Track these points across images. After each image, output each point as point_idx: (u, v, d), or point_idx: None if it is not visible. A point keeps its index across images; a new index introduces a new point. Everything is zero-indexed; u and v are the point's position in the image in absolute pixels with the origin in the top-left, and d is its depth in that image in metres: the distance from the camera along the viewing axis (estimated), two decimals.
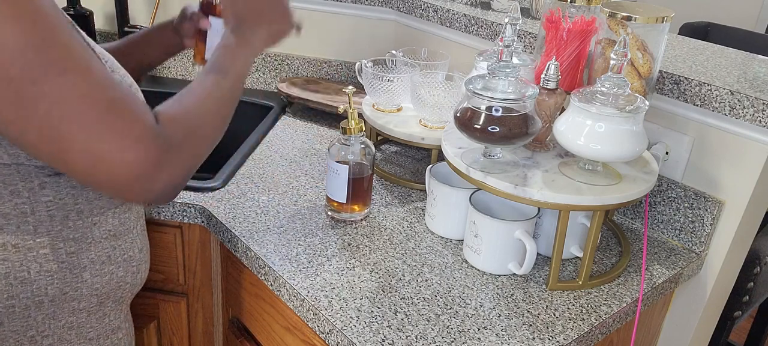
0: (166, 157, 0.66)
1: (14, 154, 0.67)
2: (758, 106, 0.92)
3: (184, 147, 0.69)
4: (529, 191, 0.84)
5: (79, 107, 0.60)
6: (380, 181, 1.17)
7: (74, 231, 0.75)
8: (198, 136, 0.72)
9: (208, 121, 0.74)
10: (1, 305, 0.72)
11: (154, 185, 0.66)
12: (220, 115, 0.77)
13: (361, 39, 1.57)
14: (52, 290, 0.74)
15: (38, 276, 0.73)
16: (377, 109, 1.22)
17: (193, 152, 0.71)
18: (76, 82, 0.60)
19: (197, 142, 0.72)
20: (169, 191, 0.68)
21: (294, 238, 0.96)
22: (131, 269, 0.83)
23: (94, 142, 0.61)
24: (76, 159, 0.62)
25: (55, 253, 0.73)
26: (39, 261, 0.72)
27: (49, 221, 0.72)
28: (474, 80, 0.88)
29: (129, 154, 0.63)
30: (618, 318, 0.88)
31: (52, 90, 0.59)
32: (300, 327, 0.91)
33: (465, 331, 0.80)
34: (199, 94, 0.75)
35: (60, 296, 0.75)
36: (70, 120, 0.60)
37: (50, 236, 0.73)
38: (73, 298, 0.77)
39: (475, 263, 0.93)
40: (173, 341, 1.15)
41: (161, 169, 0.65)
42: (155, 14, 1.58)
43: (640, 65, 0.92)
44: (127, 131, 0.63)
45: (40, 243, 0.72)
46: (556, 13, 0.95)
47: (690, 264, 1.02)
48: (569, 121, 0.85)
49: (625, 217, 1.13)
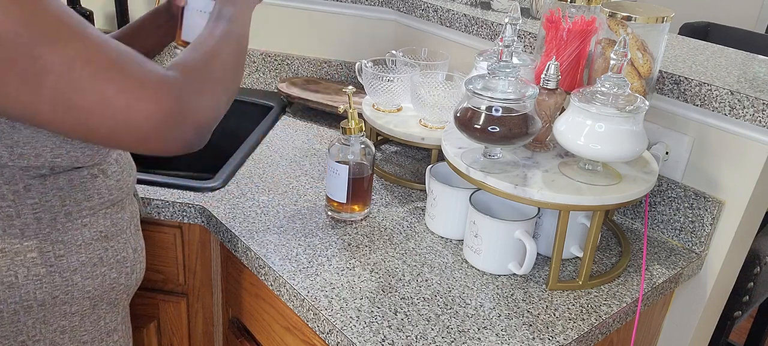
0: (187, 99, 0.64)
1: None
2: (758, 106, 0.92)
3: (204, 87, 0.67)
4: (529, 191, 0.84)
5: (86, 72, 0.60)
6: (380, 181, 1.17)
7: (63, 233, 0.74)
8: (217, 77, 0.70)
9: (224, 63, 0.72)
10: None
11: (181, 129, 0.64)
12: (235, 58, 0.75)
13: (361, 39, 1.57)
14: (40, 294, 0.73)
15: (26, 280, 0.72)
16: (377, 109, 1.22)
17: (214, 92, 0.69)
18: (77, 49, 0.60)
19: (217, 83, 0.70)
20: (199, 133, 0.66)
21: (294, 238, 0.96)
22: (125, 270, 0.82)
23: (109, 102, 0.60)
24: (96, 122, 0.61)
25: (43, 256, 0.72)
26: (26, 265, 0.71)
27: (36, 224, 0.71)
28: (474, 80, 0.88)
29: (147, 104, 0.61)
30: (618, 318, 0.88)
31: (56, 61, 0.59)
32: (300, 327, 0.91)
33: (465, 331, 0.80)
34: (210, 39, 0.73)
35: (50, 300, 0.74)
36: (80, 86, 0.60)
37: (38, 239, 0.72)
38: (64, 301, 0.76)
39: (475, 263, 0.93)
40: (173, 341, 1.15)
41: (184, 112, 0.64)
42: None
43: (640, 65, 0.92)
44: (139, 82, 0.61)
45: (28, 247, 0.71)
46: (556, 13, 0.95)
47: (690, 264, 1.02)
48: (569, 121, 0.85)
49: (625, 217, 1.13)
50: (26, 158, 0.68)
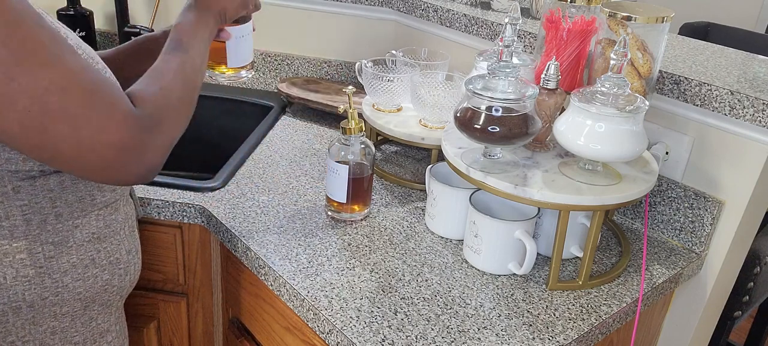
0: (147, 137, 0.67)
1: None
2: (758, 106, 0.92)
3: (162, 124, 0.70)
4: (529, 191, 0.84)
5: (58, 98, 0.61)
6: (380, 181, 1.17)
7: (53, 235, 0.73)
8: (172, 113, 0.72)
9: (180, 99, 0.74)
10: None
11: (137, 166, 0.67)
12: (188, 90, 0.77)
13: (361, 39, 1.57)
14: (29, 295, 0.73)
15: (14, 282, 0.72)
16: (377, 109, 1.22)
17: (170, 130, 0.72)
18: (52, 75, 0.61)
19: (173, 121, 0.72)
20: (151, 169, 0.69)
21: (294, 238, 0.96)
22: (118, 272, 0.82)
23: (78, 131, 0.62)
24: (60, 148, 0.63)
25: (32, 258, 0.72)
26: (15, 266, 0.71)
27: (26, 226, 0.71)
28: (474, 80, 0.88)
29: (112, 137, 0.64)
30: (618, 318, 0.88)
31: (30, 85, 0.60)
32: (300, 327, 0.91)
33: (465, 331, 0.80)
34: (167, 73, 0.75)
35: (39, 301, 0.74)
36: (51, 112, 0.61)
37: (27, 240, 0.72)
38: (54, 303, 0.75)
39: (475, 263, 0.93)
40: (173, 341, 1.15)
41: (143, 149, 0.66)
42: (155, 14, 1.58)
43: (640, 65, 0.92)
44: (107, 116, 0.64)
45: (17, 248, 0.71)
46: (556, 13, 0.95)
47: (690, 264, 1.02)
48: (569, 121, 0.85)
49: (625, 217, 1.13)
50: (14, 163, 0.68)
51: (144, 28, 1.50)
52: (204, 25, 0.83)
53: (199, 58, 0.80)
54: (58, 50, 0.62)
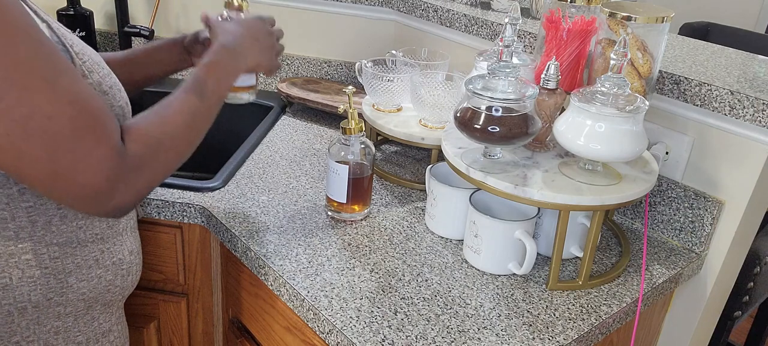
0: (127, 177, 0.66)
1: None
2: (758, 106, 0.92)
3: (146, 167, 0.68)
4: (529, 191, 0.84)
5: (42, 126, 0.60)
6: (380, 181, 1.17)
7: (58, 236, 0.74)
8: (162, 157, 0.71)
9: (176, 143, 0.73)
10: None
11: (110, 203, 0.66)
12: (190, 137, 0.75)
13: (361, 39, 1.57)
14: (35, 296, 0.73)
15: (20, 282, 0.72)
16: (377, 109, 1.22)
17: (155, 172, 0.70)
18: (40, 102, 0.60)
19: (161, 162, 0.71)
20: (123, 208, 0.68)
21: (294, 238, 0.96)
22: (121, 272, 0.82)
23: (54, 161, 0.61)
24: (34, 174, 0.62)
25: (37, 258, 0.72)
26: (21, 267, 0.72)
27: (31, 227, 0.71)
28: (474, 80, 0.88)
29: (88, 175, 0.63)
30: (618, 318, 0.88)
31: (16, 108, 0.59)
32: (300, 327, 0.91)
33: (465, 331, 0.80)
34: (172, 113, 0.73)
35: (44, 301, 0.74)
36: (32, 139, 0.60)
37: (33, 241, 0.72)
38: (58, 303, 0.76)
39: (475, 263, 0.93)
40: (173, 341, 1.15)
41: (119, 189, 0.66)
42: (155, 14, 1.58)
43: (640, 65, 0.92)
44: (90, 152, 0.63)
45: (22, 249, 0.71)
46: (556, 13, 0.95)
47: (690, 264, 1.02)
48: (569, 121, 0.85)
49: (625, 217, 1.13)
50: None
51: (144, 28, 1.50)
52: (232, 74, 0.83)
53: (214, 107, 0.79)
54: (52, 73, 0.61)
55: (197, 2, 1.59)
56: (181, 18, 1.62)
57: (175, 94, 0.75)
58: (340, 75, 1.60)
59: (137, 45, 1.65)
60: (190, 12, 1.61)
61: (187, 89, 0.76)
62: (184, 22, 1.62)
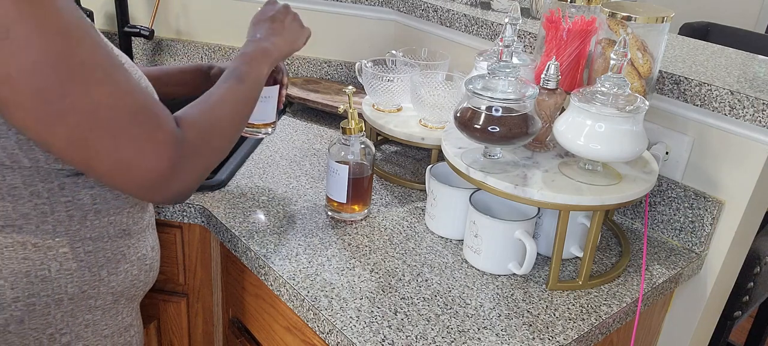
0: (186, 162, 0.70)
1: (34, 158, 0.69)
2: (758, 106, 0.92)
3: (202, 151, 0.73)
4: (529, 191, 0.84)
5: (106, 117, 0.63)
6: (380, 181, 1.17)
7: (91, 230, 0.76)
8: (215, 142, 0.75)
9: (225, 127, 0.78)
10: (22, 303, 0.73)
11: (172, 188, 0.69)
12: (236, 121, 0.81)
13: (361, 39, 1.57)
14: (71, 288, 0.76)
15: (58, 274, 0.74)
16: (377, 109, 1.22)
17: (210, 156, 0.75)
18: (103, 94, 0.63)
19: (214, 147, 0.75)
20: (184, 192, 0.72)
21: (294, 238, 0.96)
22: (144, 268, 0.84)
23: (119, 149, 0.65)
24: (101, 165, 0.65)
25: (74, 252, 0.75)
26: (59, 260, 0.74)
27: (68, 221, 0.74)
28: (474, 80, 0.88)
29: (152, 160, 0.66)
30: (618, 318, 0.88)
31: (82, 102, 0.62)
32: (300, 327, 0.91)
33: (465, 331, 0.80)
34: (216, 100, 0.79)
35: (79, 294, 0.77)
36: (98, 130, 0.63)
37: (69, 235, 0.74)
38: (91, 296, 0.78)
39: (475, 263, 0.93)
40: (173, 341, 1.15)
41: (180, 173, 0.69)
42: (155, 14, 1.58)
43: (640, 65, 0.92)
44: (151, 138, 0.66)
45: (59, 242, 0.74)
46: (556, 13, 0.95)
47: (690, 264, 1.02)
48: (569, 121, 0.85)
49: (625, 217, 1.13)
50: (60, 162, 0.71)
51: (144, 28, 1.50)
52: (265, 63, 0.89)
53: (255, 92, 0.86)
54: (111, 69, 0.65)
55: (197, 2, 1.59)
56: (181, 18, 1.62)
57: (217, 85, 0.81)
58: (340, 75, 1.60)
59: (137, 45, 1.65)
60: (190, 12, 1.61)
61: (225, 79, 0.82)
62: (184, 22, 1.62)
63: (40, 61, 0.59)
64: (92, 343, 0.81)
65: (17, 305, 0.72)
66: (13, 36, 0.58)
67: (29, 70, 0.59)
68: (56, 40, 0.60)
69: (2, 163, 0.68)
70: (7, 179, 0.69)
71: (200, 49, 1.62)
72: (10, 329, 0.73)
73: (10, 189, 0.69)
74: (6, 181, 0.69)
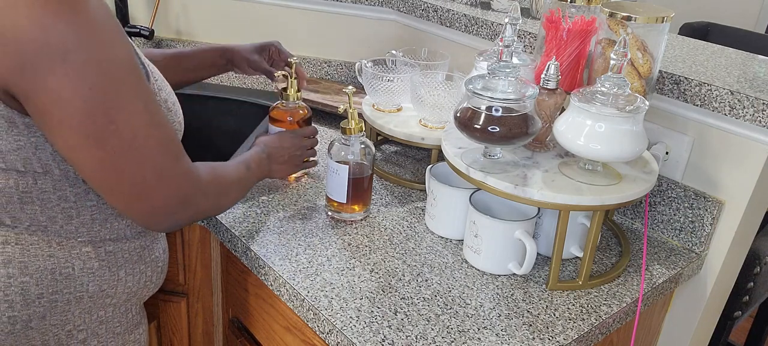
0: (195, 197, 0.76)
1: (65, 168, 0.73)
2: (758, 106, 0.92)
3: (210, 195, 0.80)
4: (529, 191, 0.84)
5: (140, 145, 0.68)
6: (380, 181, 1.17)
7: (111, 232, 0.79)
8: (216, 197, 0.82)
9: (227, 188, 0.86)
10: (46, 299, 0.75)
11: (175, 217, 0.76)
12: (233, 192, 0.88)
13: (361, 39, 1.57)
14: (92, 286, 0.78)
15: (81, 273, 0.77)
16: (377, 109, 1.22)
17: (212, 203, 0.82)
18: (141, 124, 0.68)
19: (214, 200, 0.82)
20: (182, 223, 0.78)
21: (294, 238, 0.96)
22: (157, 269, 0.87)
23: (145, 175, 0.70)
24: (123, 187, 0.70)
25: (96, 251, 0.78)
26: (82, 258, 0.76)
27: (91, 223, 0.77)
28: (474, 80, 0.88)
29: (171, 187, 0.73)
30: (618, 318, 0.88)
31: (124, 129, 0.67)
32: (300, 327, 0.91)
33: (465, 331, 0.80)
34: (228, 169, 0.87)
35: (98, 292, 0.79)
36: (131, 155, 0.68)
37: (91, 236, 0.77)
38: (108, 294, 0.81)
39: (475, 263, 0.93)
40: (173, 341, 1.15)
41: (188, 205, 0.76)
42: (155, 14, 1.58)
43: (640, 65, 0.92)
44: (173, 167, 0.73)
45: (82, 242, 0.77)
46: (556, 13, 0.95)
47: (690, 264, 1.02)
48: (569, 121, 0.85)
49: (625, 217, 1.13)
50: None
51: (144, 28, 1.50)
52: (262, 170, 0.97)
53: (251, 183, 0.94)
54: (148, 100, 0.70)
55: (197, 2, 1.59)
56: (181, 18, 1.62)
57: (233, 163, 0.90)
58: (340, 75, 1.60)
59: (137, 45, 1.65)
60: (190, 12, 1.61)
61: (242, 161, 0.92)
62: (184, 22, 1.62)
63: (95, 87, 0.63)
64: (106, 340, 0.83)
65: (41, 301, 0.75)
66: (70, 60, 0.62)
67: (84, 95, 0.63)
68: (110, 70, 0.64)
69: (35, 171, 0.71)
70: (39, 183, 0.72)
71: None
72: (32, 324, 0.75)
73: (40, 193, 0.72)
74: (37, 185, 0.72)
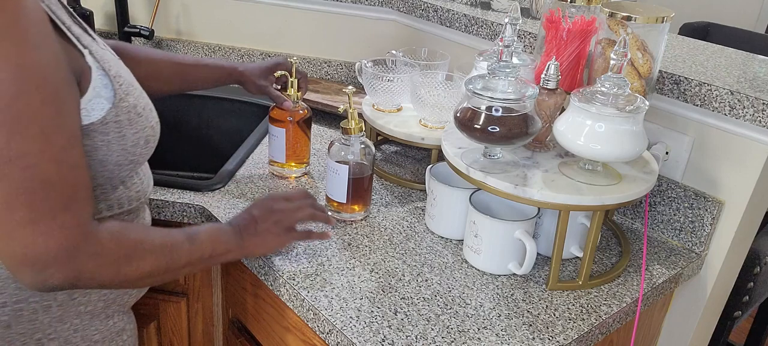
0: (79, 257, 0.64)
1: None
2: (758, 106, 0.92)
3: (103, 260, 0.66)
4: (529, 191, 0.84)
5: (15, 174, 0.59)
6: (380, 181, 1.17)
7: None
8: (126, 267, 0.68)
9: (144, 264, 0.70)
10: (10, 308, 0.72)
11: (45, 273, 0.63)
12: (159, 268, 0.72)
13: (361, 39, 1.57)
14: (61, 294, 0.75)
15: None
16: (377, 109, 1.22)
17: (108, 272, 0.68)
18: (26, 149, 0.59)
19: (120, 267, 0.68)
20: (57, 285, 0.65)
21: None
22: None
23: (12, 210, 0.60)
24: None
25: None
26: None
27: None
28: (474, 80, 0.88)
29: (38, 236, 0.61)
30: (618, 318, 0.88)
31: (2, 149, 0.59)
32: (300, 327, 0.91)
33: (465, 331, 0.80)
34: (158, 236, 0.73)
35: (68, 300, 0.76)
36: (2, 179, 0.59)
37: None
38: (80, 302, 0.77)
39: (475, 263, 0.93)
40: (173, 341, 1.15)
41: (63, 265, 0.63)
42: (155, 14, 1.58)
43: (640, 65, 0.92)
44: (51, 216, 0.61)
45: None
46: (556, 13, 0.95)
47: (690, 264, 1.02)
48: (569, 121, 0.85)
49: (625, 217, 1.13)
50: None
51: (144, 28, 1.50)
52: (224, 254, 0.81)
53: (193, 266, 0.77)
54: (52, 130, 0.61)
55: (197, 2, 1.59)
56: (181, 18, 1.62)
57: (166, 232, 0.74)
58: (340, 75, 1.60)
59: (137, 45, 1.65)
60: (190, 12, 1.61)
61: (182, 238, 0.75)
62: (184, 22, 1.62)
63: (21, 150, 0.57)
64: None
65: (4, 309, 0.72)
66: None
67: None
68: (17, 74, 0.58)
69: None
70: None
71: (200, 49, 1.62)
72: None
73: None
74: None
